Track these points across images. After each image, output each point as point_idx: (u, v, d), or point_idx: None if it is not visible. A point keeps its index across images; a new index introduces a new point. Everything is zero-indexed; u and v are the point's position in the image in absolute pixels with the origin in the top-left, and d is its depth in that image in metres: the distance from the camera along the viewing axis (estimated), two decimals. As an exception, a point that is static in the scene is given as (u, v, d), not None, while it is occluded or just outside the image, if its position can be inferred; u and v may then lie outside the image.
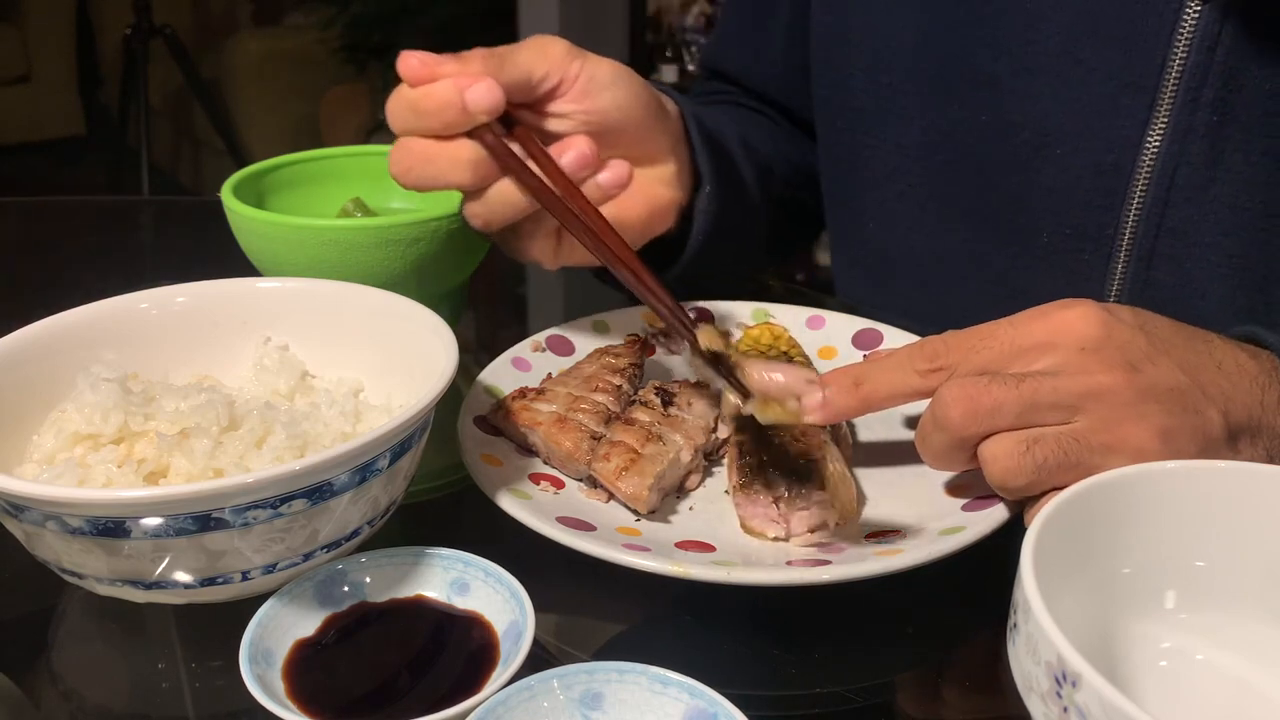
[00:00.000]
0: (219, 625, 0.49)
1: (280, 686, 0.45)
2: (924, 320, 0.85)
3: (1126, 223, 0.72)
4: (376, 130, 3.14)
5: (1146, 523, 0.47)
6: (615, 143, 0.68)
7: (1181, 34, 0.67)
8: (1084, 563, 0.46)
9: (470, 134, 0.63)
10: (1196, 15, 0.66)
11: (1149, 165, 0.70)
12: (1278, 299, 0.70)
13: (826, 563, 0.52)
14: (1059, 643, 0.37)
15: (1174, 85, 0.68)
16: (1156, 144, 0.70)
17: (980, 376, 0.53)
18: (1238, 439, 0.53)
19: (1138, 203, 0.72)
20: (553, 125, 0.67)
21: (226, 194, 0.75)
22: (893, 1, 0.80)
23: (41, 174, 3.85)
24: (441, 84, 0.62)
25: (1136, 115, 0.70)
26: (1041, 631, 0.38)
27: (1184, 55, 0.67)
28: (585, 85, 0.66)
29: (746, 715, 0.42)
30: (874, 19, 0.81)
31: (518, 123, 0.65)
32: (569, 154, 0.64)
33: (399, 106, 0.64)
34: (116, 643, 0.53)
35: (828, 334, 0.76)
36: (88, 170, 3.86)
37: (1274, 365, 0.56)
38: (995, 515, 0.55)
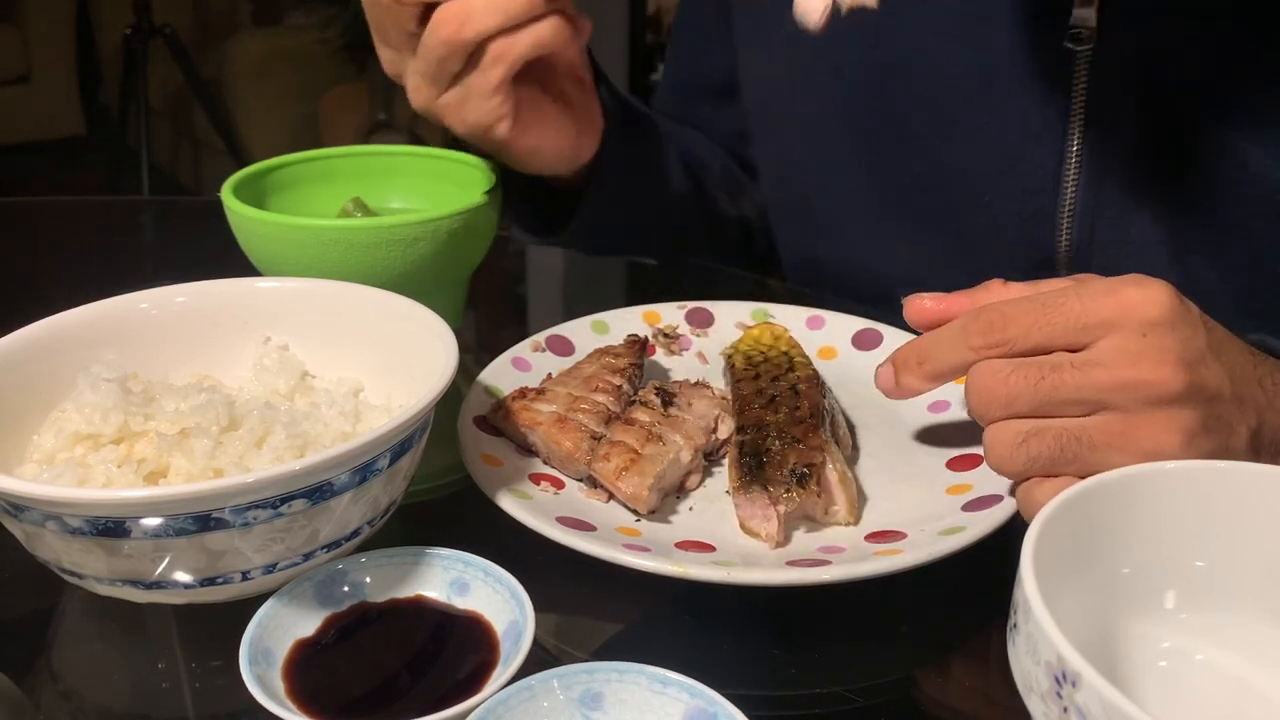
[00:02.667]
0: (219, 625, 0.49)
1: (280, 686, 0.45)
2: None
3: (1060, 263, 0.75)
4: (376, 130, 3.14)
5: (1146, 523, 0.47)
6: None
7: (1078, 79, 0.70)
8: (1084, 563, 0.46)
9: None
10: (1088, 56, 0.69)
11: (1069, 210, 0.73)
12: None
13: (826, 563, 0.52)
14: (1059, 643, 0.37)
15: (1080, 132, 0.71)
16: (1073, 190, 0.73)
17: (1008, 363, 0.53)
18: (1263, 452, 0.53)
19: (1064, 246, 0.75)
20: None
21: (226, 194, 0.75)
22: (814, 58, 0.82)
23: (41, 174, 3.85)
24: None
25: (1046, 164, 0.73)
26: (1041, 631, 0.38)
27: (1082, 98, 0.70)
28: None
29: (746, 715, 0.42)
30: (800, 81, 0.84)
31: None
32: None
33: None
34: (116, 643, 0.53)
35: (828, 334, 0.76)
36: (88, 170, 3.86)
37: None
38: (995, 516, 0.55)
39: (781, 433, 0.60)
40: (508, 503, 0.56)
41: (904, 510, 0.59)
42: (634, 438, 0.60)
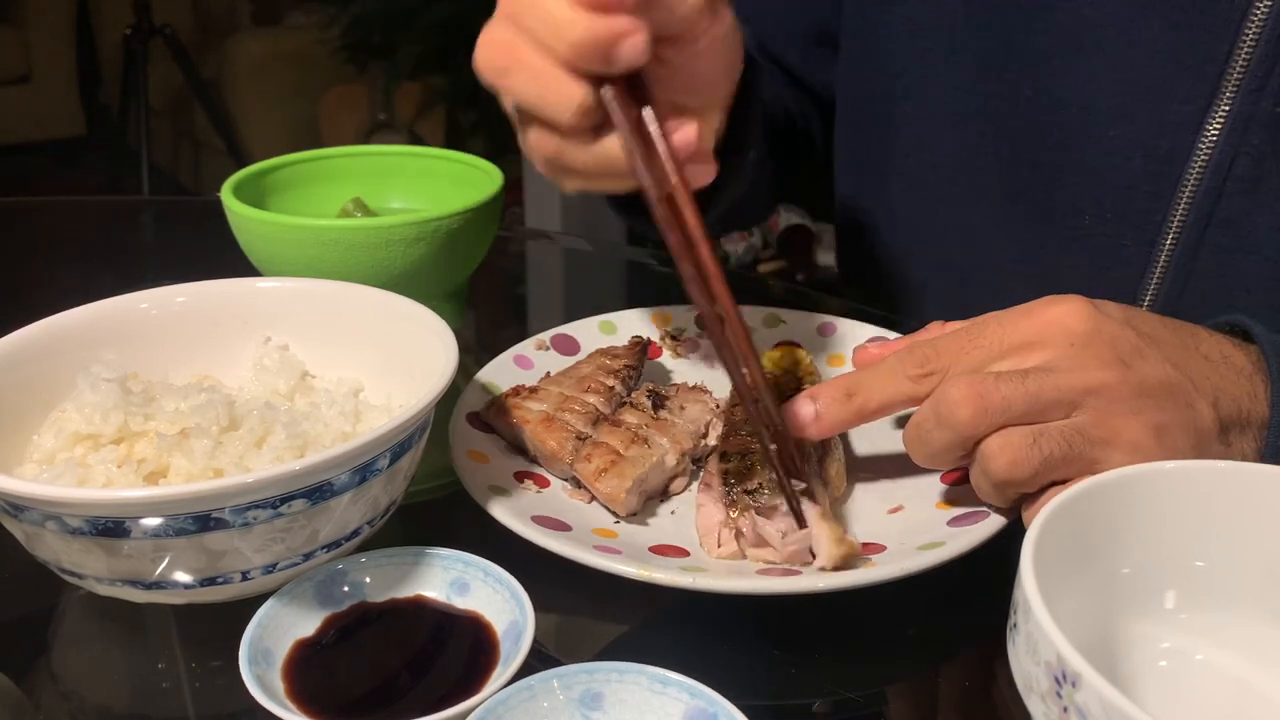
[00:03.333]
0: (219, 625, 0.49)
1: (280, 686, 0.45)
2: (937, 300, 0.82)
3: (1175, 211, 0.69)
4: (376, 130, 3.14)
5: (1146, 523, 0.47)
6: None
7: (1254, 19, 0.64)
8: (1084, 563, 0.46)
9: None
10: (1270, 3, 0.64)
11: (1205, 153, 0.68)
12: None
13: (796, 573, 0.52)
14: (1059, 643, 0.37)
15: (1240, 72, 0.66)
16: (1215, 132, 0.67)
17: (986, 374, 0.53)
18: (1228, 431, 0.53)
19: (1190, 191, 0.69)
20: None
21: (226, 194, 0.75)
22: None
23: (41, 174, 3.85)
24: (595, 20, 0.49)
25: (1197, 101, 0.67)
26: (1041, 631, 0.38)
27: (1253, 42, 0.65)
28: (711, 44, 0.54)
29: (747, 716, 0.42)
30: None
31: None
32: (682, 133, 0.54)
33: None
34: (116, 643, 0.53)
35: (839, 341, 0.75)
36: (88, 170, 3.86)
37: (1259, 356, 0.56)
38: (977, 532, 0.54)
39: (765, 464, 0.58)
40: (485, 498, 0.56)
41: (889, 522, 0.58)
42: (618, 439, 0.60)
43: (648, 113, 0.53)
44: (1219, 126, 0.67)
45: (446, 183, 0.84)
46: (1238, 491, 0.47)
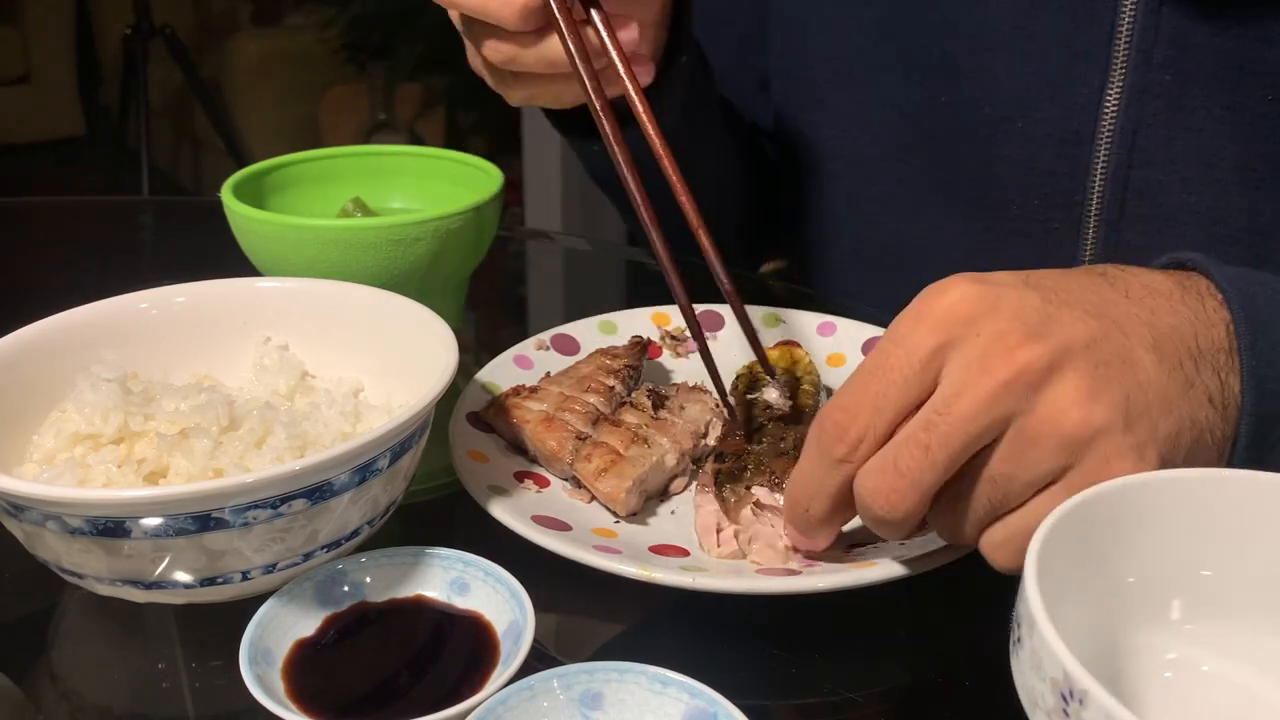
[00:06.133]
0: (219, 625, 0.49)
1: (280, 686, 0.45)
2: (889, 303, 0.85)
3: (1093, 188, 0.73)
4: (376, 130, 3.14)
5: (1152, 532, 0.46)
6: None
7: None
8: (1088, 573, 0.45)
9: None
10: None
11: (1109, 129, 0.71)
12: (1271, 256, 0.70)
13: (796, 573, 0.52)
14: (1065, 659, 0.36)
15: (1125, 49, 0.69)
16: (1114, 108, 0.70)
17: (880, 458, 0.46)
18: (1183, 367, 0.46)
19: (1101, 167, 0.72)
20: None
21: (226, 194, 0.75)
22: None
23: (41, 174, 3.85)
24: None
25: (1091, 81, 0.71)
26: (1046, 647, 0.37)
27: (1130, 18, 0.68)
28: None
29: (746, 716, 0.42)
30: (830, 9, 0.82)
31: None
32: (626, 31, 0.61)
33: None
34: (116, 643, 0.53)
35: (838, 341, 0.75)
36: (88, 170, 3.86)
37: (1188, 278, 0.50)
38: None
39: (760, 464, 0.59)
40: (485, 498, 0.56)
41: None
42: (619, 439, 0.60)
43: (593, 16, 0.61)
44: (1115, 102, 0.70)
45: (446, 183, 0.84)
46: (1244, 500, 0.45)
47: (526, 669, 0.44)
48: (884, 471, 0.46)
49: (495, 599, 0.50)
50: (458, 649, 0.49)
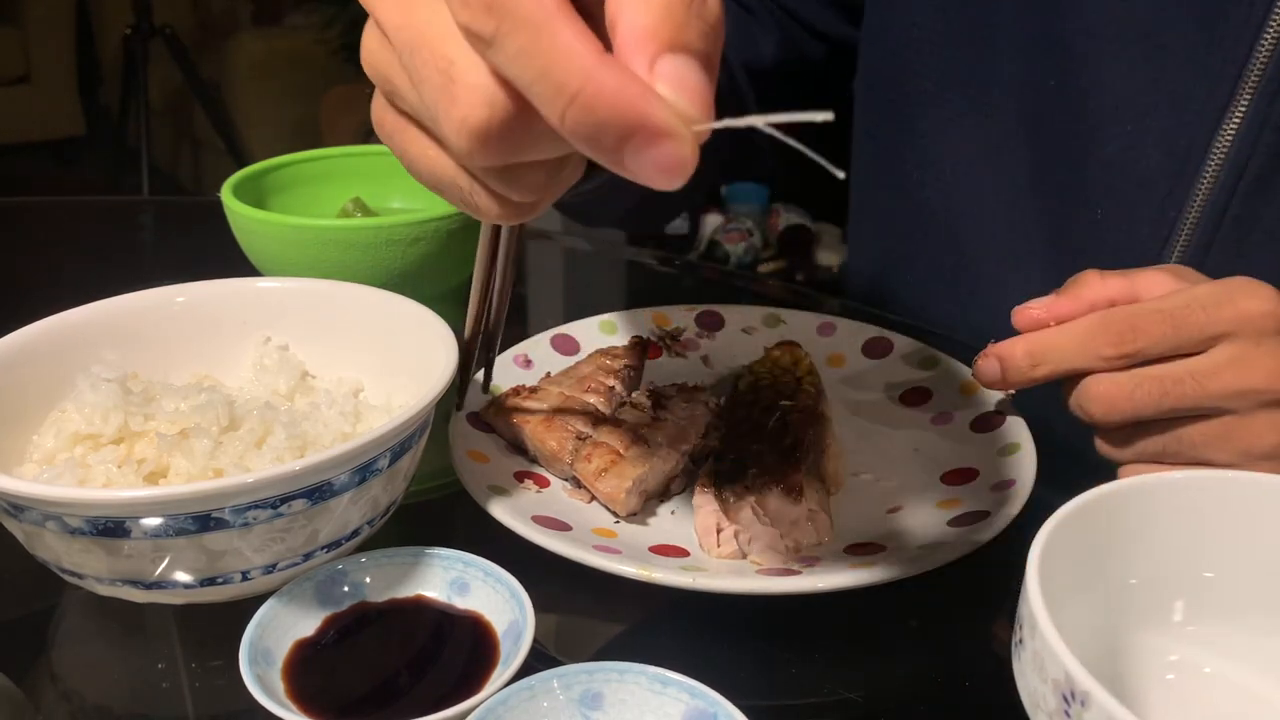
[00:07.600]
0: (219, 625, 0.49)
1: (280, 686, 0.45)
2: (942, 287, 0.83)
3: (1191, 207, 0.71)
4: (377, 130, 3.14)
5: (1154, 533, 0.46)
6: None
7: (1272, 25, 0.66)
8: (1090, 574, 0.45)
9: None
10: None
11: (1220, 153, 0.69)
12: None
13: (796, 573, 0.52)
14: (1067, 661, 0.36)
15: (1257, 76, 0.67)
16: (1232, 132, 0.69)
17: (1129, 378, 0.55)
18: None
19: (1206, 189, 0.71)
20: None
21: (226, 194, 0.75)
22: None
23: (41, 174, 3.85)
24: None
25: (1215, 101, 0.69)
26: (1048, 648, 0.37)
27: (1271, 46, 0.66)
28: None
29: (746, 716, 0.42)
30: None
31: None
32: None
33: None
34: (116, 643, 0.53)
35: (838, 341, 0.75)
36: (88, 170, 3.86)
37: None
38: (979, 534, 0.54)
39: (760, 464, 0.58)
40: (485, 498, 0.56)
41: (889, 522, 0.58)
42: (619, 439, 0.60)
43: None
44: (1235, 126, 0.69)
45: (446, 183, 0.84)
46: (1248, 501, 0.46)
47: (526, 669, 0.44)
48: (1119, 388, 0.55)
49: (495, 599, 0.50)
50: (458, 649, 0.49)
